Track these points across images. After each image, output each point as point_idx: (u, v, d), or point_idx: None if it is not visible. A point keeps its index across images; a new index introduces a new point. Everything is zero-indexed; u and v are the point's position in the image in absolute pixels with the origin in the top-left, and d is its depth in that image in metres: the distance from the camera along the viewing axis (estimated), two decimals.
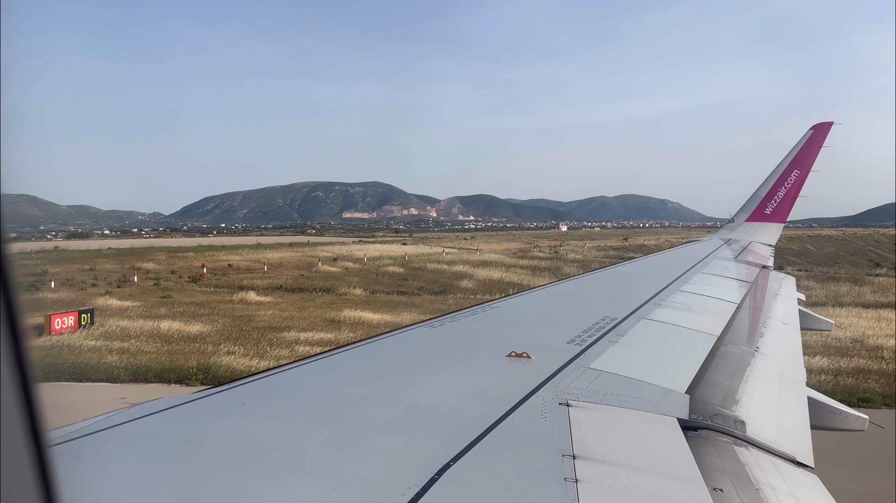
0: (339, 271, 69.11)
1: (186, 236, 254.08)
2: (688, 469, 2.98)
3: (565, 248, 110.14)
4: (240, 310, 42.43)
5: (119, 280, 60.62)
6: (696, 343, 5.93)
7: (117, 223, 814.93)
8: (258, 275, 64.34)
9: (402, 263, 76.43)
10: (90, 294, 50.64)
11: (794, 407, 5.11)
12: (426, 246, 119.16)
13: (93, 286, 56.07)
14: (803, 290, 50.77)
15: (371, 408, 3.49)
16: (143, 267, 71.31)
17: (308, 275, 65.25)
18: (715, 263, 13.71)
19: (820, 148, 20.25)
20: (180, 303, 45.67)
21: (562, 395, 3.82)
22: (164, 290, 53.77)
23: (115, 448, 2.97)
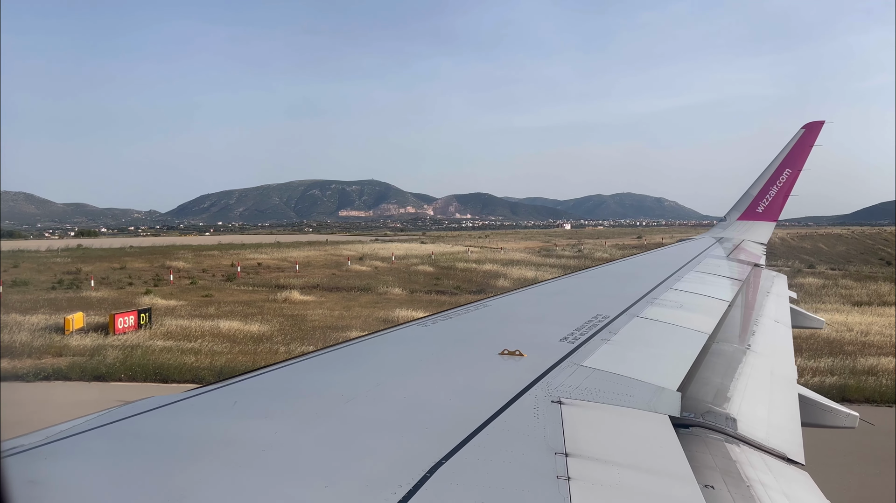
0: (370, 270, 68.95)
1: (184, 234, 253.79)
2: (679, 466, 2.99)
3: (587, 247, 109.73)
4: (288, 310, 41.97)
5: (154, 279, 60.41)
6: (688, 341, 5.94)
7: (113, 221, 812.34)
8: (291, 274, 64.00)
9: (430, 262, 76.29)
10: (130, 293, 50.44)
11: (784, 404, 5.12)
12: (446, 245, 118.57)
13: (130, 285, 55.90)
14: (842, 289, 50.29)
15: (363, 407, 3.49)
16: (173, 265, 70.93)
17: (340, 274, 65.13)
18: (707, 261, 13.72)
19: (811, 147, 20.33)
20: (225, 303, 45.32)
21: (554, 393, 3.83)
22: (203, 289, 53.50)
23: (104, 447, 2.95)
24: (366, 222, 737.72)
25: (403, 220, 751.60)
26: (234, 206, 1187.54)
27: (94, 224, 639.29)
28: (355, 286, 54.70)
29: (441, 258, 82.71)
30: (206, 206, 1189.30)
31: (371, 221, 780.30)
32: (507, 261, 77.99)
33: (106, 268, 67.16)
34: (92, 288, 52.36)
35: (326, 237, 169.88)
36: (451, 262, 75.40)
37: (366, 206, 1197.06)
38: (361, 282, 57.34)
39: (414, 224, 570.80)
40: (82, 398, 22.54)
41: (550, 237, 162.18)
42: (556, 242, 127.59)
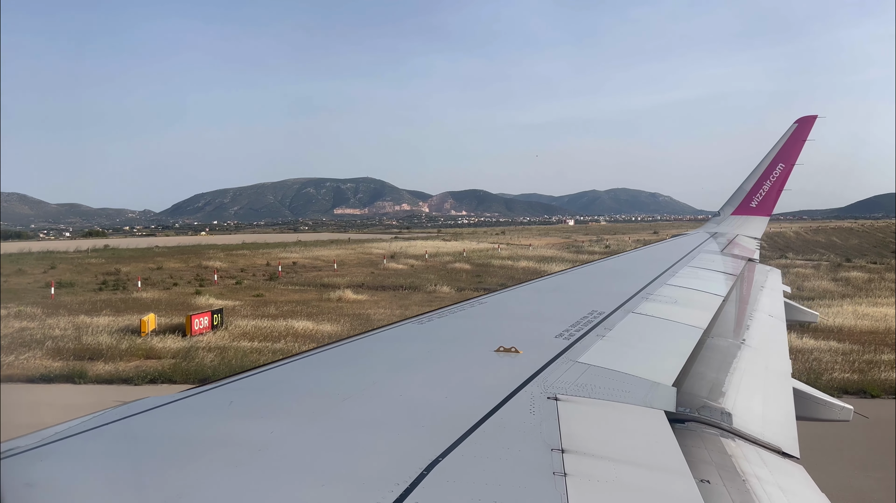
0: (407, 268, 67.82)
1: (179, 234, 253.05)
2: (675, 461, 3.01)
3: (610, 242, 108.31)
4: (348, 309, 41.14)
5: (196, 279, 59.28)
6: (683, 336, 5.95)
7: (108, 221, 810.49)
8: (331, 273, 63.04)
9: (464, 259, 75.08)
10: (178, 293, 49.55)
11: (779, 398, 5.15)
12: (471, 242, 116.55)
13: (175, 286, 54.75)
14: (888, 283, 48.82)
15: (359, 405, 3.49)
16: (210, 265, 70.31)
17: (379, 272, 64.18)
18: (701, 257, 13.74)
19: (804, 141, 20.43)
20: (280, 303, 44.37)
21: (550, 390, 3.84)
22: (250, 289, 52.68)
23: (100, 449, 2.95)
24: (361, 220, 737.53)
25: (399, 217, 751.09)
26: (228, 204, 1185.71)
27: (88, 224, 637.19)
28: (401, 284, 53.45)
29: (474, 255, 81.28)
30: (201, 205, 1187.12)
31: (366, 219, 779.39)
32: (540, 257, 76.27)
33: (143, 269, 66.32)
34: (138, 289, 51.53)
35: (349, 235, 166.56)
36: (485, 260, 73.96)
37: (361, 204, 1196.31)
38: (405, 280, 55.95)
39: (410, 221, 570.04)
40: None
41: (568, 233, 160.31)
42: (577, 238, 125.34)
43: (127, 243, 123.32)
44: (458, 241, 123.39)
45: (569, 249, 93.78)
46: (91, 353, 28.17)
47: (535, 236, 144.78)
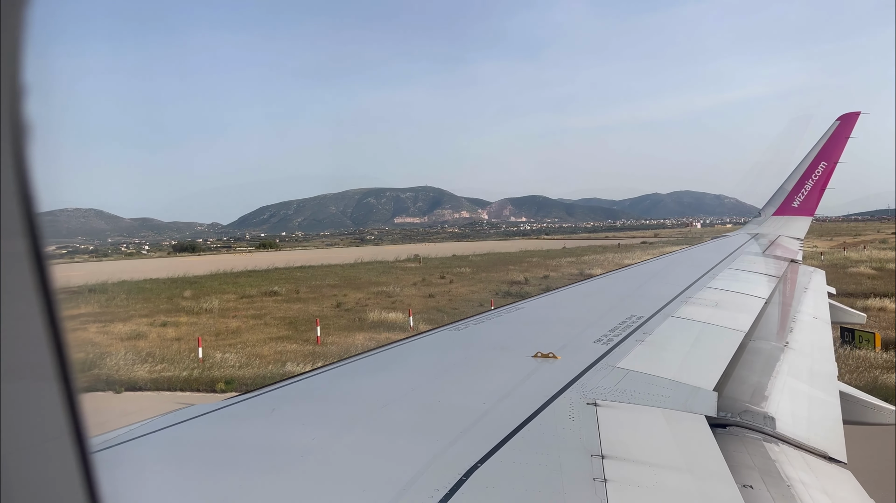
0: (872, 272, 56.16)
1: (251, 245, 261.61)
2: (717, 466, 2.99)
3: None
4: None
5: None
6: (724, 339, 5.93)
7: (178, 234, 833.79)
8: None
9: (858, 262, 62.74)
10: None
11: (824, 401, 5.06)
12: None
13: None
14: None
15: (398, 412, 3.53)
16: (458, 271, 67.12)
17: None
18: (742, 258, 13.55)
19: (847, 139, 19.98)
20: None
21: (589, 395, 3.84)
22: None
23: (150, 455, 3.04)
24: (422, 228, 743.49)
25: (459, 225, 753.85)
26: (292, 216, 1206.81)
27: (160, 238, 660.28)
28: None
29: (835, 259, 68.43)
30: (266, 217, 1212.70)
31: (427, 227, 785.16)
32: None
33: (375, 296, 50.58)
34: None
35: (522, 246, 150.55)
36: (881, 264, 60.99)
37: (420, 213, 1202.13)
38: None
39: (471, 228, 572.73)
40: None
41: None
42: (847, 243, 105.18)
43: (244, 261, 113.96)
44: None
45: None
46: None
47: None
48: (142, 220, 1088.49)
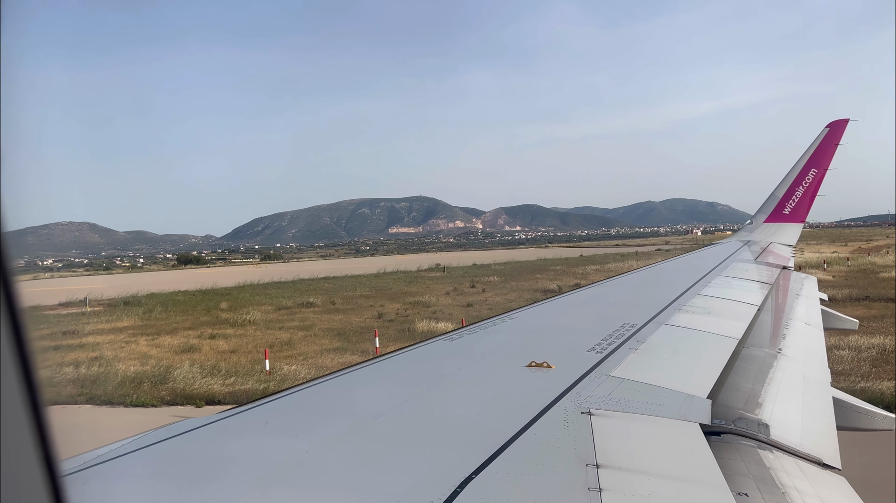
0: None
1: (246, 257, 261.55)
2: (711, 474, 2.98)
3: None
4: None
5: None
6: (718, 347, 5.91)
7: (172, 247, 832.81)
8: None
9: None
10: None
11: (818, 408, 5.06)
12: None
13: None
14: None
15: (392, 423, 3.51)
16: (488, 279, 66.51)
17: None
18: (734, 265, 13.57)
19: (837, 146, 20.03)
20: None
21: (583, 404, 3.83)
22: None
23: (139, 471, 3.02)
24: (417, 238, 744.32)
25: (454, 235, 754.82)
26: (286, 227, 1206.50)
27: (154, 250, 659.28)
28: None
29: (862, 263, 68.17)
30: (260, 228, 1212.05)
31: (421, 237, 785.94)
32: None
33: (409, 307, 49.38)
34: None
35: (538, 254, 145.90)
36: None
37: (415, 223, 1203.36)
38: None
39: (466, 238, 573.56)
40: None
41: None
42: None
43: (259, 273, 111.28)
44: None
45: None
46: None
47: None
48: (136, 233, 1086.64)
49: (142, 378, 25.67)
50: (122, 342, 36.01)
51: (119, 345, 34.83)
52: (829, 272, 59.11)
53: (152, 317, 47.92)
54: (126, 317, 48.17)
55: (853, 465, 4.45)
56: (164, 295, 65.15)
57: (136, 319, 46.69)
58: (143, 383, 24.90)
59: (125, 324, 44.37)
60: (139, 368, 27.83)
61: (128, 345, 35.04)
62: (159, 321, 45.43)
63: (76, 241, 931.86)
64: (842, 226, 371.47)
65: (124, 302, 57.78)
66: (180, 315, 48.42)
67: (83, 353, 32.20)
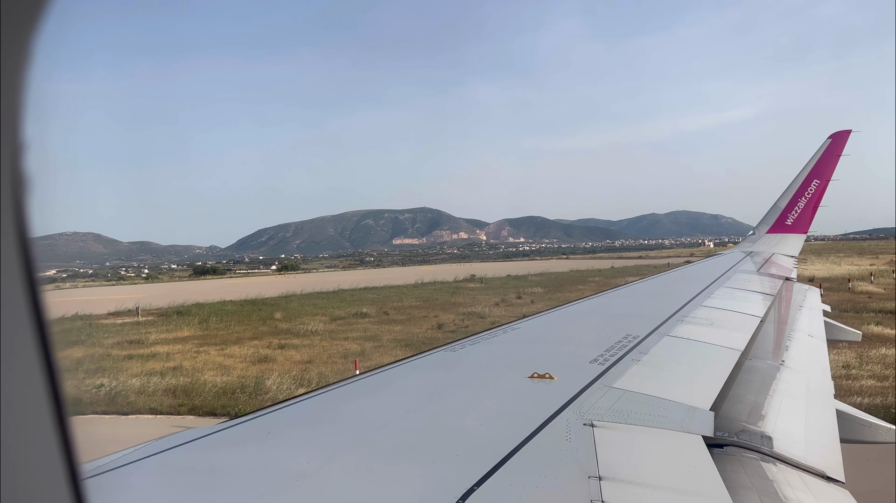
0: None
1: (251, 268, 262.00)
2: (714, 487, 2.97)
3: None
4: None
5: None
6: (720, 358, 5.89)
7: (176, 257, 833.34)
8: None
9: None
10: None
11: (822, 420, 5.04)
12: (825, 263, 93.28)
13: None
14: None
15: (393, 434, 3.50)
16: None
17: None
18: (737, 277, 13.58)
19: (839, 157, 20.12)
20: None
21: (586, 416, 3.81)
22: None
23: (143, 481, 3.02)
24: (421, 249, 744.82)
25: (458, 246, 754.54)
26: (290, 238, 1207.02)
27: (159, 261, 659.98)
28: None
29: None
30: (264, 239, 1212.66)
31: (426, 248, 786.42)
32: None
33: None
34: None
35: (587, 265, 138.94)
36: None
37: (419, 234, 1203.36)
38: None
39: (470, 249, 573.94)
40: None
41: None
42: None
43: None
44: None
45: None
46: None
47: (836, 258, 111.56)
48: (140, 244, 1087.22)
49: (233, 388, 25.45)
50: (192, 352, 35.61)
51: (191, 355, 34.47)
52: (878, 285, 57.54)
53: (210, 327, 47.32)
54: (184, 326, 47.48)
55: (856, 478, 4.41)
56: (211, 305, 64.09)
57: (195, 329, 45.99)
58: (236, 393, 24.68)
59: (186, 333, 43.84)
60: (225, 378, 27.57)
61: (199, 355, 34.67)
62: (219, 331, 44.67)
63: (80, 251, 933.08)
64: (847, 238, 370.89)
65: (176, 311, 57.16)
66: (238, 325, 47.73)
67: (159, 363, 32.04)
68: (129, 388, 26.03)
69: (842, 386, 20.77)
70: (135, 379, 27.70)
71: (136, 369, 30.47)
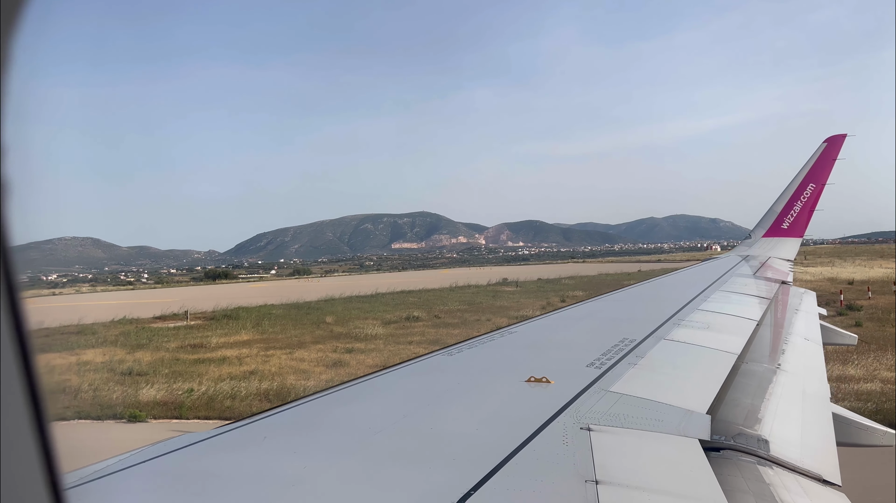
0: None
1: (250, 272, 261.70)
2: (711, 490, 2.98)
3: None
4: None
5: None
6: (717, 362, 5.92)
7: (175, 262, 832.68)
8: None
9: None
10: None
11: (818, 424, 5.06)
12: (849, 267, 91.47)
13: None
14: None
15: (390, 439, 3.50)
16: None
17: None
18: (733, 280, 13.60)
19: (834, 161, 20.28)
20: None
21: (583, 420, 3.82)
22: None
23: (136, 486, 3.01)
24: (420, 253, 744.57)
25: (457, 250, 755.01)
26: (289, 243, 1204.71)
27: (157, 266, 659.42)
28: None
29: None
30: (263, 244, 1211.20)
31: (425, 253, 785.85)
32: None
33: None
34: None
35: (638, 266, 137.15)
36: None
37: (418, 238, 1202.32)
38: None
39: (469, 253, 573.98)
40: None
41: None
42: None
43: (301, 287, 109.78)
44: (824, 266, 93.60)
45: None
46: None
47: (861, 262, 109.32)
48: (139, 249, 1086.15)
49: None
50: (261, 356, 35.04)
51: (261, 360, 33.92)
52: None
53: (266, 331, 46.36)
54: (240, 330, 46.30)
55: (853, 482, 4.40)
56: (256, 309, 62.76)
57: (252, 333, 45.08)
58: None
59: (245, 337, 42.96)
60: (310, 383, 27.15)
61: (269, 359, 34.10)
62: (277, 335, 43.70)
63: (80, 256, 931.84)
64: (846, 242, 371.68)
65: (224, 315, 56.36)
66: (292, 329, 46.52)
67: (233, 368, 31.65)
68: (220, 393, 25.91)
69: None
70: (222, 383, 27.46)
71: (213, 373, 30.19)
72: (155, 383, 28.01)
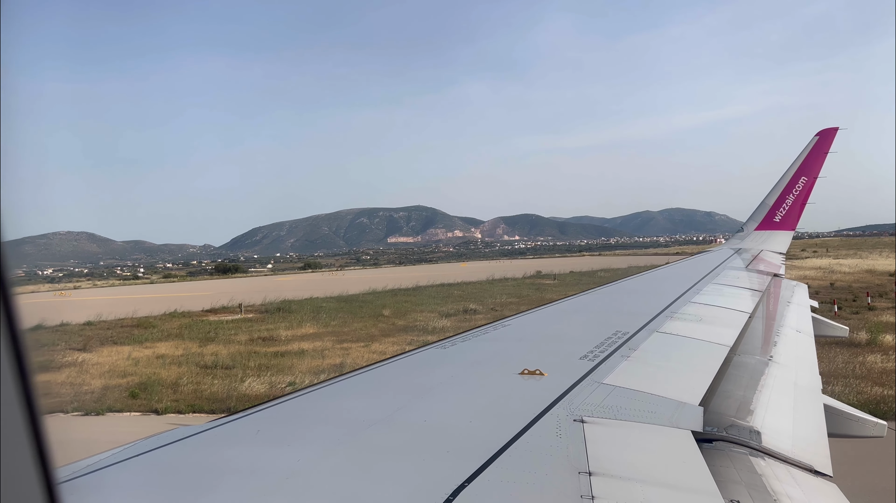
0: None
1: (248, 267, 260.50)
2: (703, 481, 2.99)
3: None
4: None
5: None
6: (709, 354, 5.92)
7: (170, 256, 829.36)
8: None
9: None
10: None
11: (809, 415, 5.09)
12: (854, 259, 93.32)
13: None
14: None
15: (384, 432, 3.51)
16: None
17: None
18: (726, 273, 13.63)
19: (826, 154, 20.38)
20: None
21: (576, 412, 3.83)
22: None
23: (127, 481, 3.00)
24: (416, 247, 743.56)
25: (453, 244, 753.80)
26: (285, 237, 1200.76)
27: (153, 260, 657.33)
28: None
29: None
30: (259, 238, 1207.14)
31: (421, 247, 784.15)
32: None
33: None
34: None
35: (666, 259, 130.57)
36: None
37: (414, 232, 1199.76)
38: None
39: (465, 247, 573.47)
40: None
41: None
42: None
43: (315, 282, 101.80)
44: (833, 259, 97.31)
45: None
46: None
47: (868, 251, 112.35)
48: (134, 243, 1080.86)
49: None
50: (339, 349, 34.28)
51: (340, 352, 33.19)
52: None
53: (329, 324, 45.15)
54: (304, 323, 45.43)
55: (844, 472, 4.43)
56: (303, 302, 61.32)
57: (314, 326, 44.04)
58: None
59: (310, 330, 42.07)
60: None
61: (349, 351, 33.33)
62: (341, 328, 42.73)
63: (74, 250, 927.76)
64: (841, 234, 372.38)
65: (277, 308, 55.25)
66: (354, 322, 45.45)
67: (318, 361, 30.99)
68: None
69: None
70: (321, 375, 26.50)
71: (302, 367, 29.61)
72: (247, 377, 27.52)
